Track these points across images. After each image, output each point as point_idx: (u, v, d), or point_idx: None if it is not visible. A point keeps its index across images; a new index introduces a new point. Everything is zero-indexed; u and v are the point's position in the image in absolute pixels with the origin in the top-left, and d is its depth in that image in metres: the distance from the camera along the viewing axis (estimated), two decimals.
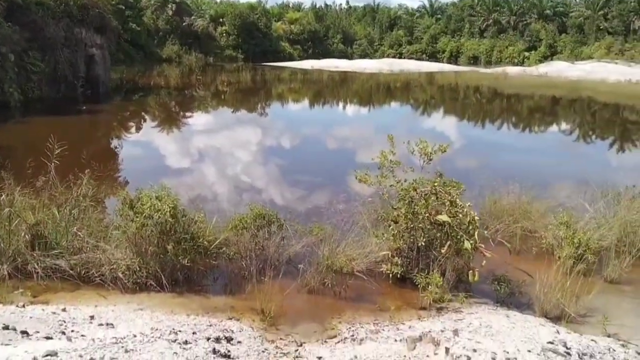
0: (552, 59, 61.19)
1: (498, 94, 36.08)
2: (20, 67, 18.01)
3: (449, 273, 5.33)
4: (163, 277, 5.09)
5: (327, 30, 75.40)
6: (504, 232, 6.86)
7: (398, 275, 5.51)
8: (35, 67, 18.82)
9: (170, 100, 26.18)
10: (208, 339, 3.67)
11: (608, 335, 4.63)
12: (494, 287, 5.43)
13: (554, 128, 22.45)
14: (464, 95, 35.30)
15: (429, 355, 3.12)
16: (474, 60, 70.17)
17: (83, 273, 5.12)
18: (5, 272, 4.98)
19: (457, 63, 69.47)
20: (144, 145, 14.72)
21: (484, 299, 5.42)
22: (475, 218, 5.28)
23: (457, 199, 5.40)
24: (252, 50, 60.04)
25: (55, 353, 2.95)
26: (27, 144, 11.85)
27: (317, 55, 66.05)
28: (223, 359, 3.38)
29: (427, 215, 5.38)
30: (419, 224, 5.43)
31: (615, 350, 4.08)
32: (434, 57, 74.49)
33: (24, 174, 6.49)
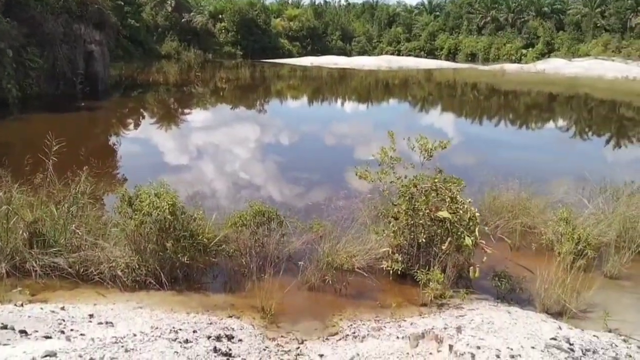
0: (549, 56, 61.33)
1: (496, 91, 36.09)
2: (19, 63, 17.87)
3: (450, 269, 5.30)
4: (162, 275, 5.04)
5: (326, 27, 75.31)
6: (504, 228, 6.87)
7: (399, 272, 5.48)
8: (34, 63, 18.69)
9: (169, 97, 26.08)
10: (209, 338, 3.63)
11: (609, 331, 4.62)
12: (495, 283, 5.42)
13: (552, 125, 22.47)
14: (462, 92, 35.27)
15: (432, 353, 3.09)
16: (472, 58, 70.18)
17: (82, 271, 5.07)
18: (3, 270, 4.94)
19: (455, 60, 69.46)
20: (143, 142, 14.66)
21: (485, 295, 5.41)
22: (476, 214, 5.27)
23: (457, 196, 5.38)
24: (251, 47, 59.88)
25: (55, 353, 2.91)
26: (25, 141, 11.78)
27: (316, 52, 66.00)
28: (224, 358, 3.34)
29: (427, 212, 5.35)
30: (420, 221, 5.41)
31: (618, 346, 4.07)
32: (432, 54, 74.56)
33: (22, 171, 6.43)
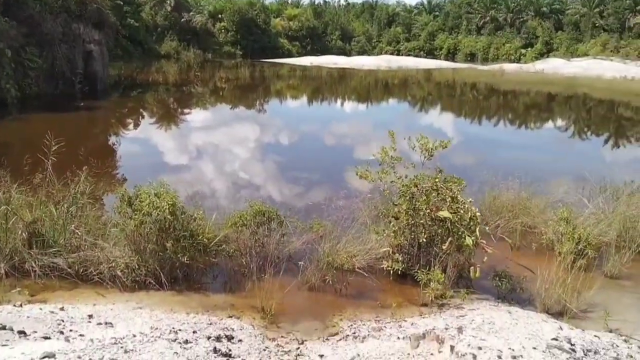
0: (548, 56, 61.40)
1: (495, 91, 36.09)
2: (18, 63, 17.83)
3: (450, 269, 5.29)
4: (162, 275, 5.02)
5: (325, 27, 75.30)
6: (504, 227, 6.87)
7: (399, 272, 5.47)
8: (33, 63, 18.65)
9: (169, 97, 26.05)
10: (209, 338, 3.61)
11: (610, 331, 4.61)
12: (495, 283, 5.40)
13: (551, 124, 22.48)
14: (461, 92, 35.27)
15: (433, 354, 3.07)
16: (471, 57, 70.23)
17: (81, 271, 5.05)
18: (2, 270, 4.92)
19: (454, 60, 69.50)
20: (142, 142, 14.63)
21: (485, 295, 5.39)
22: (477, 214, 5.25)
23: (458, 195, 5.36)
24: (250, 47, 59.86)
25: (53, 355, 2.89)
26: (24, 141, 11.75)
27: (315, 52, 65.99)
28: (224, 358, 3.32)
29: (428, 212, 5.34)
30: (420, 220, 5.39)
31: (619, 346, 4.07)
32: (432, 54, 74.59)
33: (21, 171, 6.42)
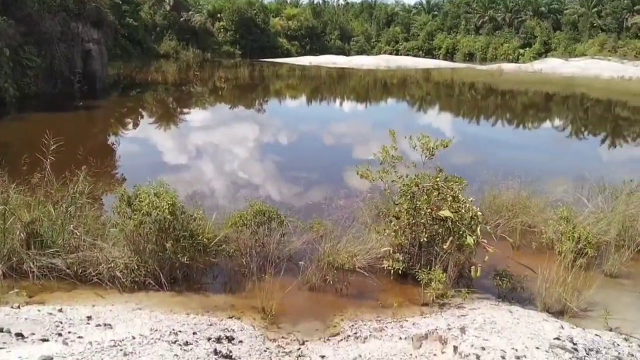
0: (546, 56, 61.38)
1: (493, 91, 36.07)
2: (16, 62, 17.78)
3: (451, 269, 5.28)
4: (162, 275, 4.99)
5: (324, 27, 75.18)
6: (504, 227, 6.85)
7: (399, 272, 5.45)
8: (31, 62, 18.59)
9: (168, 96, 26.00)
10: (209, 339, 3.58)
11: (610, 330, 4.61)
12: (496, 282, 5.39)
13: (549, 124, 22.48)
14: (460, 92, 35.25)
15: (436, 354, 3.05)
16: (470, 57, 70.20)
17: (80, 272, 5.01)
18: (0, 271, 4.88)
19: (452, 60, 69.49)
20: (142, 142, 14.60)
21: (486, 295, 5.38)
22: (478, 213, 5.23)
23: (459, 194, 5.35)
24: (249, 46, 59.76)
25: (51, 358, 2.86)
26: (22, 140, 11.70)
27: (314, 52, 65.91)
28: None
29: (429, 211, 5.32)
30: (421, 220, 5.37)
31: (620, 345, 4.06)
32: (430, 53, 74.54)
33: (19, 171, 6.37)
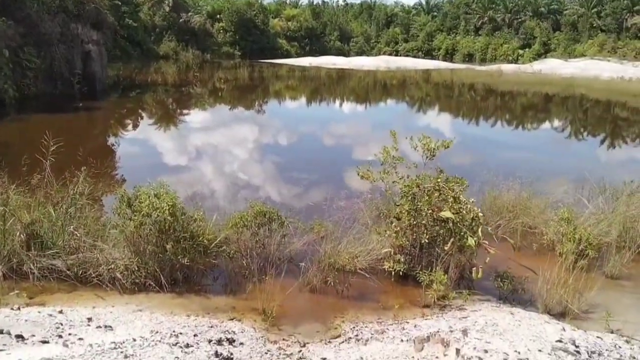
0: (545, 57, 61.45)
1: (493, 92, 36.07)
2: (16, 63, 17.75)
3: (452, 270, 5.27)
4: (162, 277, 4.97)
5: (324, 28, 75.22)
6: (505, 228, 6.84)
7: (400, 273, 5.44)
8: (31, 63, 18.57)
9: (168, 98, 25.99)
10: (210, 342, 3.56)
11: (611, 332, 4.60)
12: (497, 283, 5.38)
13: (548, 125, 22.48)
14: (459, 93, 35.25)
15: (439, 357, 3.03)
16: (469, 58, 70.26)
17: (80, 273, 4.99)
18: (0, 273, 4.86)
19: (452, 60, 69.55)
20: (141, 143, 14.58)
21: (486, 296, 5.36)
22: (479, 214, 5.22)
23: (460, 195, 5.34)
24: (249, 47, 59.78)
25: None
26: (22, 141, 11.69)
27: (314, 53, 65.96)
28: None
29: (430, 212, 5.31)
30: (422, 221, 5.36)
31: (621, 347, 4.04)
32: (430, 54, 74.58)
33: (19, 172, 6.35)
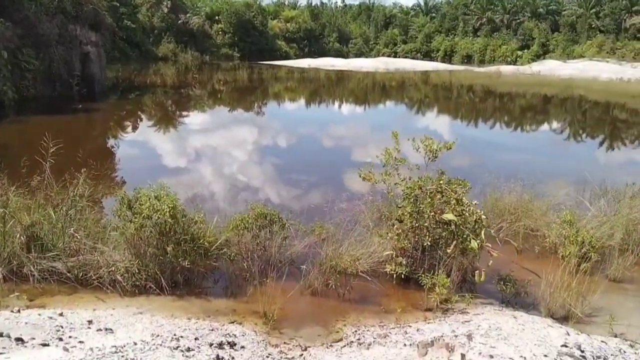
0: (544, 58, 61.45)
1: (491, 93, 36.06)
2: (14, 64, 17.69)
3: (455, 273, 5.23)
4: (163, 279, 4.94)
5: (322, 29, 75.25)
6: (507, 230, 6.81)
7: (402, 276, 5.41)
8: (30, 65, 18.51)
9: (167, 99, 25.96)
10: (211, 345, 3.53)
11: (615, 336, 4.56)
12: (500, 287, 5.34)
13: (547, 127, 22.48)
14: (458, 94, 35.25)
15: None
16: (468, 59, 70.28)
17: (80, 276, 4.96)
18: (0, 275, 4.82)
19: (450, 62, 69.57)
20: (141, 145, 14.55)
21: (489, 299, 5.32)
22: (482, 217, 5.19)
23: (463, 197, 5.31)
24: (248, 49, 59.75)
25: None
26: (21, 143, 11.65)
27: (313, 54, 65.97)
28: None
29: (432, 214, 5.28)
30: (424, 223, 5.33)
31: (626, 352, 4.02)
32: (428, 56, 74.58)
33: (19, 174, 6.31)
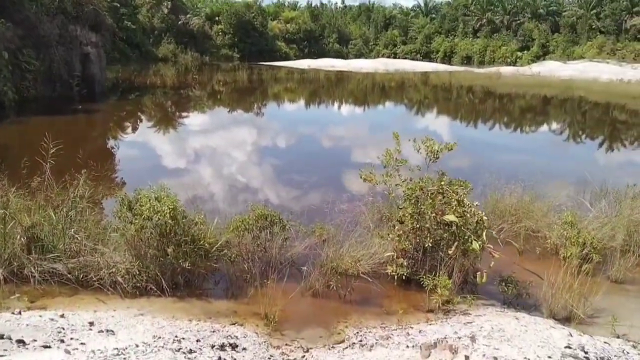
0: (544, 59, 61.37)
1: (491, 94, 36.06)
2: (15, 65, 17.66)
3: (456, 274, 5.22)
4: (163, 280, 4.93)
5: (322, 30, 75.25)
6: (508, 231, 6.81)
7: (403, 277, 5.39)
8: (30, 65, 18.48)
9: (167, 100, 25.95)
10: (213, 347, 3.51)
11: (617, 337, 4.55)
12: (502, 288, 5.33)
13: (547, 128, 22.48)
14: (458, 95, 35.24)
15: None
16: (468, 60, 70.24)
17: (81, 277, 4.95)
18: (1, 276, 4.81)
19: (450, 63, 69.53)
20: (141, 146, 14.53)
21: (491, 301, 5.32)
22: (484, 218, 5.18)
23: (464, 198, 5.29)
24: (248, 50, 59.76)
25: None
26: (22, 144, 11.64)
27: (312, 55, 65.96)
28: None
29: (433, 215, 5.27)
30: (426, 224, 5.32)
31: (629, 353, 4.00)
32: (428, 57, 74.57)
33: (19, 175, 6.30)
